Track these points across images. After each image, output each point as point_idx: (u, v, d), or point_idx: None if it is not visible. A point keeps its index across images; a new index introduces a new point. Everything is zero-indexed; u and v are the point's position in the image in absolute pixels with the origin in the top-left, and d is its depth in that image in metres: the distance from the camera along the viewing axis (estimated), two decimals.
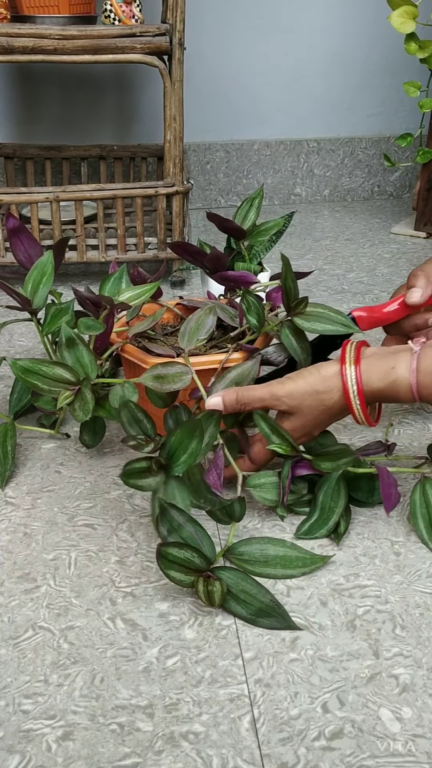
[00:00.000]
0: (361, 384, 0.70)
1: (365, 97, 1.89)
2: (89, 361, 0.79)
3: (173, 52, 1.21)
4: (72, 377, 0.75)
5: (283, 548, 0.68)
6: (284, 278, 0.79)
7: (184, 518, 0.66)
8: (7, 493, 0.79)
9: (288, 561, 0.68)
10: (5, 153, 1.57)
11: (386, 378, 0.70)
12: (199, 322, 0.82)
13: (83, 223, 1.29)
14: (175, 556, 0.63)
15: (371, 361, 0.71)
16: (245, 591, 0.64)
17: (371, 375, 0.70)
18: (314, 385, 0.72)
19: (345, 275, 1.44)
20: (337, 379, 0.71)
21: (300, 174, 1.93)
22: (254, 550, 0.68)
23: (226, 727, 0.54)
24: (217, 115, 1.83)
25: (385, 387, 0.70)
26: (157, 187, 1.29)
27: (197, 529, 0.66)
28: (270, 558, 0.68)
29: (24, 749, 0.52)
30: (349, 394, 0.71)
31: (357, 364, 0.71)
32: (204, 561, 0.63)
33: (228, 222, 0.96)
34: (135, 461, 0.67)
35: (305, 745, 0.52)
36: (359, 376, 0.70)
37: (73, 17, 1.28)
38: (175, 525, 0.66)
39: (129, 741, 0.53)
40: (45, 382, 0.75)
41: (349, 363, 0.71)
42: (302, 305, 0.80)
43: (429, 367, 0.68)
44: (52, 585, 0.67)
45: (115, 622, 0.63)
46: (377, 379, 0.70)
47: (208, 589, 0.62)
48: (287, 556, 0.68)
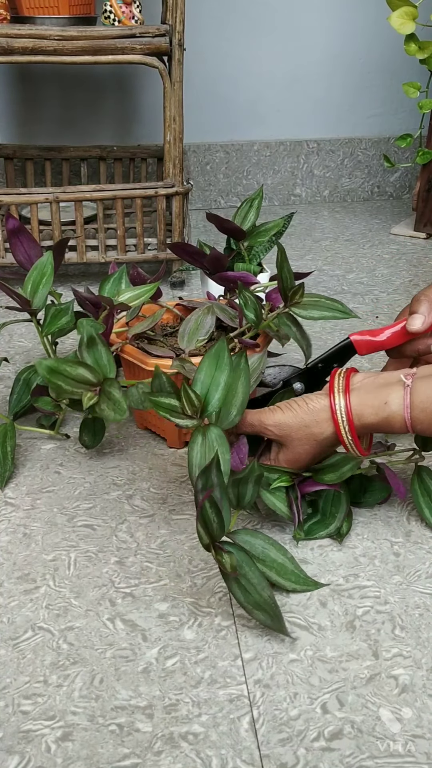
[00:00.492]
0: (352, 417, 0.69)
1: (365, 97, 1.89)
2: (108, 361, 0.78)
3: (173, 52, 1.21)
4: (93, 378, 0.74)
5: (283, 558, 0.66)
6: (280, 268, 0.79)
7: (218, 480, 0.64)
8: (7, 493, 0.79)
9: (284, 571, 0.66)
10: (5, 154, 1.57)
11: (379, 414, 0.68)
12: (198, 323, 0.82)
13: (83, 224, 1.29)
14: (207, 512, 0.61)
15: (362, 395, 0.69)
16: (248, 578, 0.62)
17: (363, 409, 0.69)
18: (302, 419, 0.70)
19: (345, 276, 1.44)
20: (327, 413, 0.70)
21: (300, 175, 1.93)
22: (257, 545, 0.66)
23: (226, 727, 0.54)
24: (216, 115, 1.83)
25: (378, 422, 0.69)
26: (156, 187, 1.29)
27: (224, 498, 0.64)
28: (269, 559, 0.66)
29: (23, 750, 0.52)
30: (340, 428, 0.69)
31: (347, 393, 0.69)
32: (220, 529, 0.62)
33: (228, 223, 0.96)
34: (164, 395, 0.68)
35: (305, 746, 0.52)
36: (349, 408, 0.69)
37: (72, 18, 1.28)
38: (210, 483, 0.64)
39: (128, 742, 0.53)
40: (68, 383, 0.74)
41: (338, 393, 0.70)
42: (299, 294, 0.80)
43: (422, 403, 0.66)
44: (51, 586, 0.67)
45: (114, 623, 0.63)
46: (370, 414, 0.68)
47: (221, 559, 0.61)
48: (285, 566, 0.66)
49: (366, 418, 0.69)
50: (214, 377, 0.70)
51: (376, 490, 0.78)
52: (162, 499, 0.78)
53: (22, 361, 1.08)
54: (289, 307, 0.81)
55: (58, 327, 0.89)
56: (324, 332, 1.18)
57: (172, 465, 0.84)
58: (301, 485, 0.73)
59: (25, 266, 0.91)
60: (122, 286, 0.93)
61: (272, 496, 0.72)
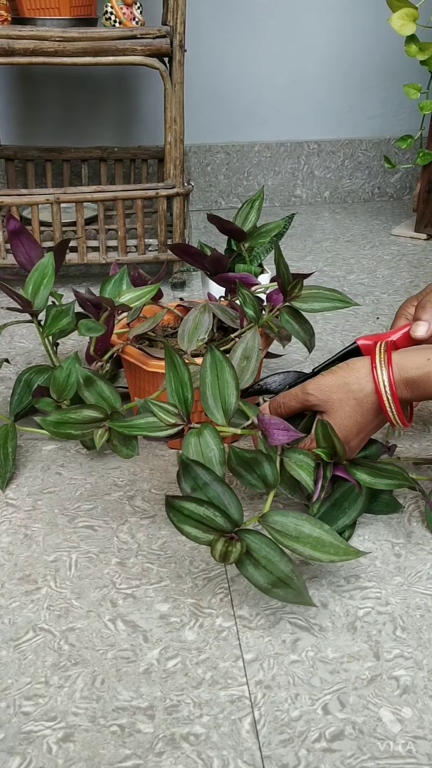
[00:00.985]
0: (395, 386, 0.69)
1: (365, 98, 1.90)
2: (110, 393, 0.78)
3: (174, 54, 1.21)
4: (100, 414, 0.74)
5: (320, 530, 0.63)
6: (277, 264, 0.79)
7: (211, 477, 0.64)
8: (8, 494, 0.80)
9: (320, 543, 0.63)
10: (6, 155, 1.57)
11: (422, 368, 0.68)
12: (196, 322, 0.82)
13: (84, 225, 1.29)
14: (192, 511, 0.61)
15: (403, 354, 0.70)
16: (267, 557, 0.61)
17: (406, 362, 0.69)
18: (342, 377, 0.71)
19: (345, 277, 1.44)
20: (367, 369, 0.70)
21: (300, 176, 1.93)
22: (289, 523, 0.64)
23: (227, 728, 0.54)
24: (217, 116, 1.83)
25: (419, 377, 0.68)
26: (157, 188, 1.29)
27: (226, 490, 0.64)
28: (303, 535, 0.63)
29: (24, 751, 0.52)
30: (382, 396, 0.69)
31: (389, 365, 0.70)
32: (229, 522, 0.62)
33: (228, 224, 0.96)
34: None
35: (306, 747, 0.52)
36: (392, 379, 0.69)
37: (73, 19, 1.28)
38: (200, 483, 0.64)
39: (130, 742, 0.53)
40: (77, 428, 0.74)
41: (380, 365, 0.70)
42: (298, 288, 0.81)
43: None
44: (52, 587, 0.67)
45: (115, 624, 0.63)
46: (412, 368, 0.69)
47: (227, 549, 0.61)
48: (321, 538, 0.63)
49: (408, 371, 0.69)
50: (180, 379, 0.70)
51: (385, 501, 0.77)
52: (163, 500, 0.78)
53: (23, 362, 1.08)
54: (290, 300, 0.82)
55: (59, 328, 0.90)
56: (325, 333, 1.18)
57: (173, 466, 0.84)
58: (334, 467, 0.71)
59: (26, 267, 0.91)
60: (123, 287, 0.93)
61: (299, 468, 0.70)
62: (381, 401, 0.70)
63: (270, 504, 0.67)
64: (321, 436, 0.70)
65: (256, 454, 0.67)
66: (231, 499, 0.64)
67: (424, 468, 0.83)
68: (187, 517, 0.61)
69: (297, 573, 0.61)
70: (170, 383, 0.69)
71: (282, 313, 0.82)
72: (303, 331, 0.83)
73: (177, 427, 0.67)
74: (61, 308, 0.91)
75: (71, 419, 0.73)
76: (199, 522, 0.61)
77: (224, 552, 0.60)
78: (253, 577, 0.61)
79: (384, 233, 1.71)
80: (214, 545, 0.61)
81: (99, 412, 0.74)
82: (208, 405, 0.69)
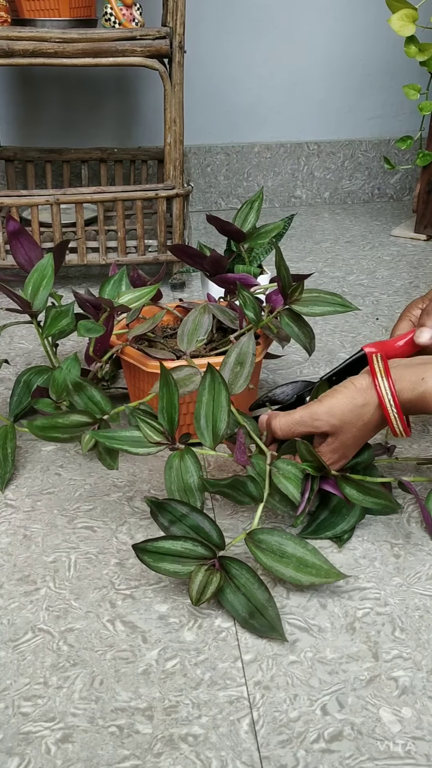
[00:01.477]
0: (396, 396, 0.69)
1: (365, 99, 1.90)
2: (101, 398, 0.78)
3: (173, 55, 1.21)
4: (88, 419, 0.74)
5: (303, 550, 0.64)
6: (278, 267, 0.79)
7: (187, 508, 0.66)
8: (7, 495, 0.80)
9: (303, 564, 0.64)
10: (6, 156, 1.58)
11: (415, 389, 0.68)
12: (196, 323, 0.82)
13: (83, 226, 1.29)
14: (170, 549, 0.62)
15: (401, 371, 0.70)
16: (246, 585, 0.62)
17: (402, 385, 0.69)
18: (353, 398, 0.70)
19: (345, 278, 1.44)
20: (372, 392, 0.70)
21: (300, 177, 1.93)
22: (273, 541, 0.65)
23: (226, 729, 0.54)
24: (217, 117, 1.83)
25: (413, 398, 0.69)
26: (157, 189, 1.29)
27: (204, 519, 0.65)
28: (286, 554, 0.64)
29: (23, 751, 0.52)
30: (386, 406, 0.69)
31: (388, 375, 0.69)
32: (209, 550, 0.63)
33: (228, 225, 0.96)
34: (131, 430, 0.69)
35: (304, 748, 0.52)
36: (393, 388, 0.69)
37: (73, 20, 1.28)
38: (178, 515, 0.65)
39: (128, 743, 0.53)
40: (65, 432, 0.74)
41: (380, 376, 0.70)
42: (298, 291, 0.81)
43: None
44: (51, 587, 0.67)
45: (114, 625, 0.63)
46: (406, 389, 0.69)
47: (207, 579, 0.61)
48: (304, 558, 0.64)
49: (402, 393, 0.69)
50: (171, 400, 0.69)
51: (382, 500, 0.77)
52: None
53: (22, 363, 1.08)
54: (290, 304, 0.82)
55: (59, 329, 0.90)
56: (324, 334, 1.18)
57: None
58: (322, 480, 0.72)
59: (25, 268, 0.91)
60: (122, 287, 0.93)
61: (286, 480, 0.70)
62: (386, 414, 0.70)
63: (259, 518, 0.67)
64: (305, 453, 0.71)
65: (234, 480, 0.68)
66: (211, 526, 0.65)
67: (424, 469, 0.83)
68: (164, 555, 0.62)
69: (273, 603, 0.62)
70: (162, 401, 0.69)
71: (282, 316, 0.82)
72: (303, 334, 0.82)
73: (161, 446, 0.68)
74: (61, 309, 0.91)
75: (59, 424, 0.73)
76: (177, 557, 0.62)
77: (204, 583, 0.61)
78: (233, 605, 0.62)
79: (384, 234, 1.72)
80: (194, 577, 0.61)
81: (87, 417, 0.74)
82: (200, 425, 0.69)
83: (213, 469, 0.84)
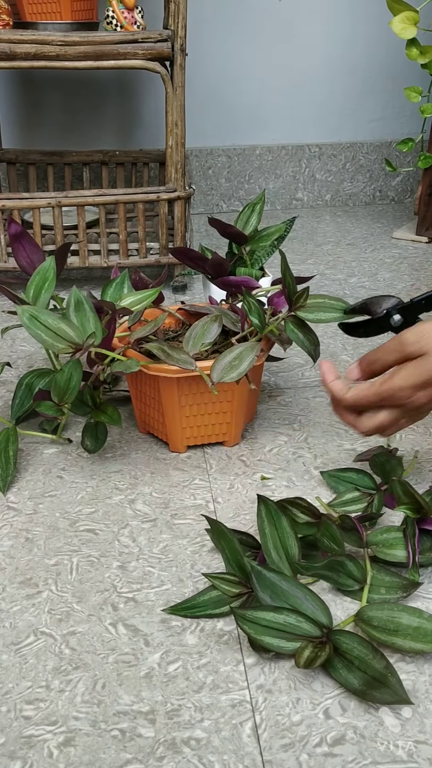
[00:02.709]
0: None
1: (366, 102, 1.90)
2: (95, 326, 0.76)
3: (175, 57, 1.21)
4: (76, 338, 0.72)
5: (419, 619, 0.60)
6: (283, 273, 0.79)
7: (288, 584, 0.62)
8: (9, 498, 0.80)
9: (422, 633, 0.59)
10: (8, 158, 1.58)
11: None
12: (204, 328, 0.82)
13: (85, 228, 1.29)
14: (271, 621, 0.59)
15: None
16: (360, 657, 0.57)
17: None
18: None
19: (347, 280, 1.44)
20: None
21: (302, 179, 1.93)
22: (384, 617, 0.60)
23: (228, 733, 0.54)
24: (218, 120, 1.83)
25: None
26: (159, 192, 1.29)
27: (307, 594, 0.61)
28: (402, 627, 0.60)
29: (25, 755, 0.52)
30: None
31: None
32: (316, 627, 0.59)
33: (230, 227, 0.96)
34: None
35: (307, 752, 0.52)
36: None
37: (75, 23, 1.29)
38: (279, 591, 0.62)
39: (130, 747, 0.53)
40: (48, 335, 0.72)
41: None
42: (303, 298, 0.80)
43: None
44: (53, 590, 0.67)
45: (116, 628, 0.63)
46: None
47: (315, 655, 0.57)
48: (421, 627, 0.59)
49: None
50: (231, 547, 0.67)
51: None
52: (164, 504, 0.78)
53: (24, 366, 1.08)
54: (295, 310, 0.82)
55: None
56: (326, 336, 1.18)
57: (174, 469, 0.84)
58: (420, 522, 0.68)
59: (27, 271, 0.91)
60: (124, 290, 0.93)
61: (388, 549, 0.67)
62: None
63: (366, 597, 0.64)
64: (401, 494, 0.68)
65: (330, 562, 0.64)
66: (316, 603, 0.61)
67: None
68: (265, 627, 0.59)
69: (392, 669, 0.56)
70: (224, 552, 0.67)
71: (287, 323, 0.82)
72: (308, 341, 0.82)
73: (241, 597, 0.64)
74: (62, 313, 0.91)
75: (47, 322, 0.75)
76: (280, 631, 0.59)
77: (312, 658, 0.57)
78: (348, 681, 0.57)
79: (385, 236, 1.71)
80: (301, 653, 0.57)
81: (76, 335, 0.71)
82: (272, 560, 0.66)
83: (215, 471, 0.84)
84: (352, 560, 0.66)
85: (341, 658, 0.58)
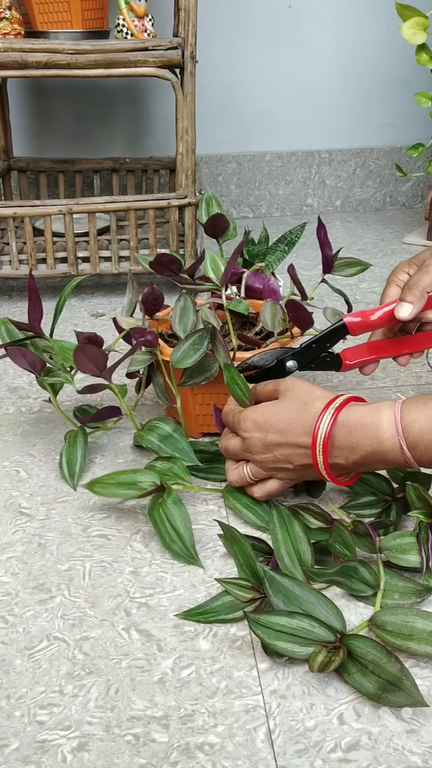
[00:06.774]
0: (327, 442, 0.66)
1: (376, 107, 1.90)
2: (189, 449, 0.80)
3: (185, 65, 1.22)
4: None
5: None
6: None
7: (301, 589, 0.62)
8: (22, 504, 0.80)
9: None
10: (19, 167, 1.59)
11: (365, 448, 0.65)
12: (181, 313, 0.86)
13: (96, 235, 1.30)
14: (285, 626, 0.58)
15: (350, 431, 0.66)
16: (374, 661, 0.56)
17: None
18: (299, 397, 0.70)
19: (357, 285, 1.44)
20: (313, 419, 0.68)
21: (312, 185, 1.93)
22: (399, 621, 0.60)
23: (242, 738, 0.54)
24: (228, 127, 1.84)
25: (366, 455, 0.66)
26: (169, 199, 1.29)
27: (320, 599, 0.61)
28: (416, 632, 0.59)
29: (39, 760, 0.52)
30: (316, 444, 0.67)
31: (332, 423, 0.66)
32: (330, 631, 0.58)
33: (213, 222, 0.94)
34: None
35: (321, 757, 0.52)
36: (327, 434, 0.66)
37: (85, 32, 1.30)
38: (292, 596, 0.61)
39: (144, 752, 0.53)
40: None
41: (327, 417, 0.66)
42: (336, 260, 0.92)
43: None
44: (66, 596, 0.67)
45: (129, 633, 0.63)
46: None
47: (329, 660, 0.56)
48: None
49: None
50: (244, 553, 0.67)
51: None
52: None
53: None
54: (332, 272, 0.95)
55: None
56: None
57: None
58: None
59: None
60: None
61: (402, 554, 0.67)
62: (313, 450, 0.67)
63: (380, 602, 0.64)
64: (415, 498, 0.68)
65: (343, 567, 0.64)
66: (329, 608, 0.61)
67: None
68: (278, 632, 0.58)
69: (406, 672, 0.56)
70: (237, 557, 0.67)
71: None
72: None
73: (254, 602, 0.64)
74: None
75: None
76: (293, 636, 0.58)
77: (325, 663, 0.56)
78: (362, 685, 0.56)
79: (396, 242, 1.71)
80: (314, 657, 0.56)
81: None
82: (285, 565, 0.66)
83: None
84: (365, 566, 0.66)
85: (355, 662, 0.57)
